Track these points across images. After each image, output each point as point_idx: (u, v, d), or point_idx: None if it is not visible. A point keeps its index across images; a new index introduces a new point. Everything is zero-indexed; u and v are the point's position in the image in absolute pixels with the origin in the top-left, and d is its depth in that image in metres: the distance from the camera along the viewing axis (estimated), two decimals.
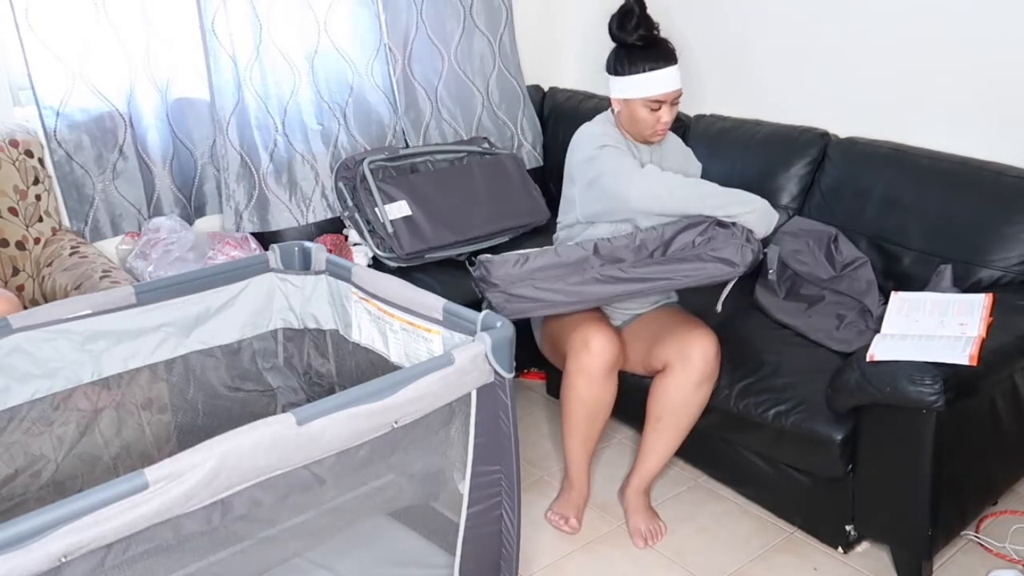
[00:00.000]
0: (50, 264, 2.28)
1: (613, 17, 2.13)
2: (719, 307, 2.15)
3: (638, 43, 2.09)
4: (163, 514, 1.19)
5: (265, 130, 2.71)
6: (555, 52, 3.49)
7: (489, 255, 2.07)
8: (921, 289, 2.15)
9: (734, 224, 1.99)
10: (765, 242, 2.17)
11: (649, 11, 2.16)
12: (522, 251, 2.06)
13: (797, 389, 2.04)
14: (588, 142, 2.14)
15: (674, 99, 2.13)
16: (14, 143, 2.30)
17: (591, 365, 2.03)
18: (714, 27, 2.93)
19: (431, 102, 3.05)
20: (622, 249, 2.01)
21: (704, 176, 2.39)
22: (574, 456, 2.17)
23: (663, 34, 2.18)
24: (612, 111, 2.24)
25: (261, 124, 2.70)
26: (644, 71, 2.08)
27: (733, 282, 2.06)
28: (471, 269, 2.10)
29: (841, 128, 2.62)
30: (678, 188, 2.03)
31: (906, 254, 2.31)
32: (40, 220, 2.36)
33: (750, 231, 2.00)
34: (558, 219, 2.30)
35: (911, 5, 2.44)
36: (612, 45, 2.18)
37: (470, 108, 3.14)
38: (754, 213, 2.01)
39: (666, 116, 2.12)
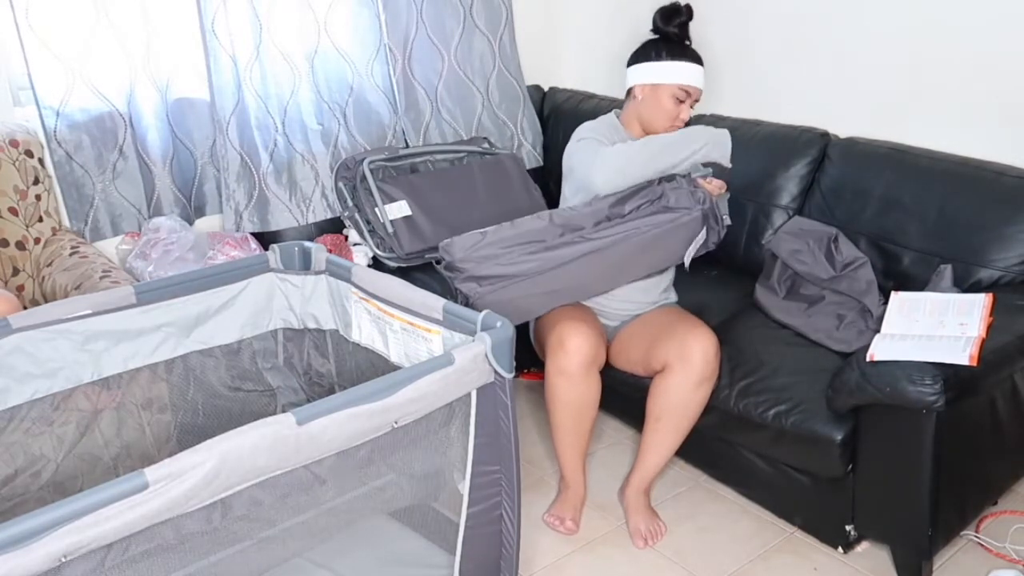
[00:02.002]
0: (50, 264, 2.28)
1: (659, 11, 2.29)
2: (687, 263, 2.17)
3: (676, 34, 2.26)
4: (163, 514, 1.19)
5: (265, 130, 2.71)
6: (555, 52, 3.49)
7: (448, 239, 2.08)
8: (921, 289, 2.15)
9: (676, 177, 2.10)
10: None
11: (652, 10, 2.22)
12: (479, 230, 2.08)
13: (797, 389, 2.04)
14: (573, 137, 2.23)
15: (696, 99, 2.28)
16: (14, 143, 2.30)
17: (568, 365, 2.03)
18: (714, 27, 2.93)
19: (431, 102, 3.05)
20: (578, 217, 2.04)
21: None
22: (565, 457, 2.17)
23: None
24: (618, 112, 2.27)
25: (261, 124, 2.70)
26: (683, 60, 2.24)
27: (700, 239, 2.10)
28: (437, 267, 2.11)
29: (841, 128, 2.62)
30: (634, 155, 2.08)
31: (906, 254, 2.31)
32: (40, 220, 2.36)
33: (692, 181, 2.10)
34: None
35: (911, 5, 2.44)
36: (612, 45, 2.21)
37: (470, 108, 3.14)
38: (707, 145, 2.10)
39: (685, 113, 2.25)
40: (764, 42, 2.82)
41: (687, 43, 2.30)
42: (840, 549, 2.09)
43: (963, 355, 1.75)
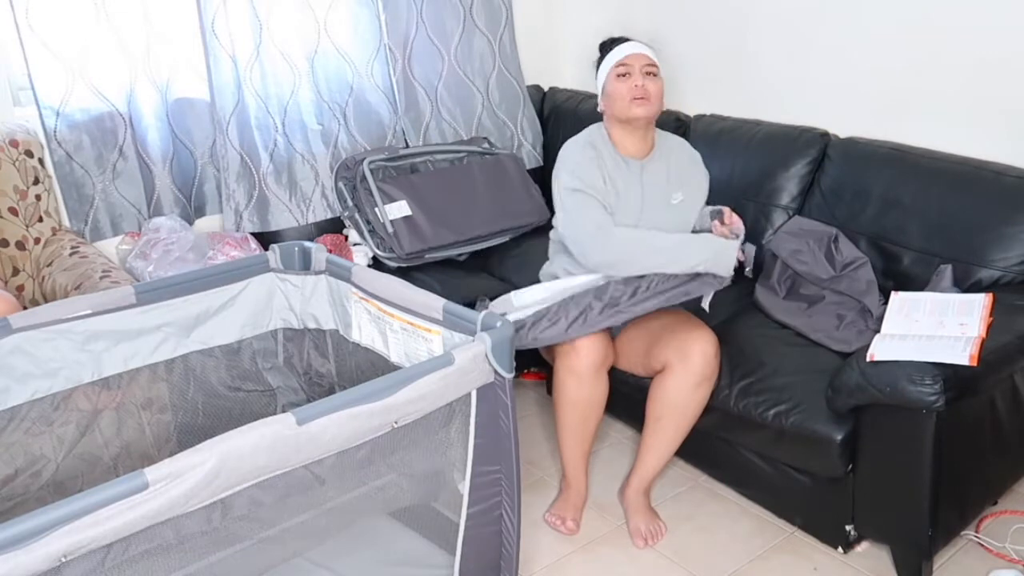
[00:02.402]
0: (50, 264, 2.28)
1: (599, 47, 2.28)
2: (706, 307, 2.18)
3: (610, 43, 2.24)
4: (163, 514, 1.19)
5: (265, 130, 2.71)
6: (555, 52, 3.49)
7: (500, 312, 2.05)
8: (921, 289, 2.15)
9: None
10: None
11: (650, 9, 2.22)
12: (521, 317, 2.04)
13: (797, 389, 2.04)
14: (566, 172, 2.16)
15: (645, 67, 2.16)
16: (14, 143, 2.30)
17: (579, 365, 2.03)
18: (714, 26, 2.94)
19: (431, 102, 3.05)
20: (617, 291, 2.02)
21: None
22: (569, 457, 2.17)
23: (661, 36, 2.22)
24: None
25: (261, 124, 2.70)
26: (611, 51, 2.21)
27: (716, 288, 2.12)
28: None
29: (841, 128, 2.62)
30: (635, 253, 2.05)
31: (906, 254, 2.31)
32: (40, 220, 2.36)
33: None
34: (554, 219, 2.31)
35: (911, 5, 2.44)
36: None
37: (470, 108, 3.14)
38: (708, 262, 2.03)
39: (638, 80, 2.14)
40: (764, 42, 2.82)
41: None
42: (840, 549, 2.09)
43: (963, 355, 1.75)
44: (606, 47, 2.26)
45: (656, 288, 2.02)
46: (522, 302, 2.18)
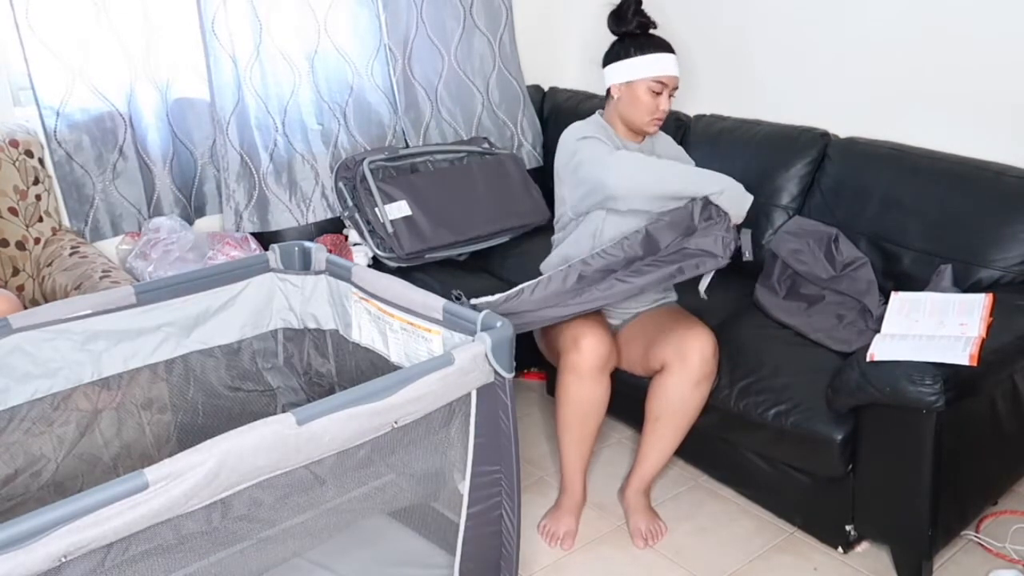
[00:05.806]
0: (50, 264, 2.28)
1: (610, 15, 2.23)
2: (703, 293, 2.12)
3: (637, 30, 2.20)
4: (163, 514, 1.19)
5: (265, 130, 2.71)
6: (555, 52, 3.49)
7: (484, 298, 2.02)
8: (921, 289, 2.15)
9: (713, 215, 2.01)
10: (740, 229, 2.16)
11: (647, 9, 2.20)
12: (507, 292, 2.01)
13: (797, 389, 2.04)
14: (571, 137, 2.20)
15: (674, 88, 2.20)
16: (14, 143, 2.30)
17: (581, 364, 2.03)
18: (714, 26, 2.94)
19: (431, 102, 3.05)
20: (613, 261, 1.99)
21: None
22: (567, 456, 2.16)
23: (661, 36, 2.21)
24: (601, 112, 2.28)
25: (261, 124, 2.70)
26: (652, 52, 2.18)
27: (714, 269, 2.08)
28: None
29: (841, 128, 2.62)
30: (651, 169, 2.06)
31: (906, 254, 2.31)
32: (40, 220, 2.36)
33: (728, 220, 2.03)
34: (554, 220, 2.31)
35: (911, 5, 2.44)
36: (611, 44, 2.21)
37: (470, 108, 3.14)
38: (724, 193, 2.03)
39: (665, 104, 2.19)
40: (764, 42, 2.82)
41: (652, 32, 2.23)
42: (840, 549, 2.09)
43: (963, 355, 1.75)
44: (637, 38, 2.19)
45: (654, 259, 2.00)
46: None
